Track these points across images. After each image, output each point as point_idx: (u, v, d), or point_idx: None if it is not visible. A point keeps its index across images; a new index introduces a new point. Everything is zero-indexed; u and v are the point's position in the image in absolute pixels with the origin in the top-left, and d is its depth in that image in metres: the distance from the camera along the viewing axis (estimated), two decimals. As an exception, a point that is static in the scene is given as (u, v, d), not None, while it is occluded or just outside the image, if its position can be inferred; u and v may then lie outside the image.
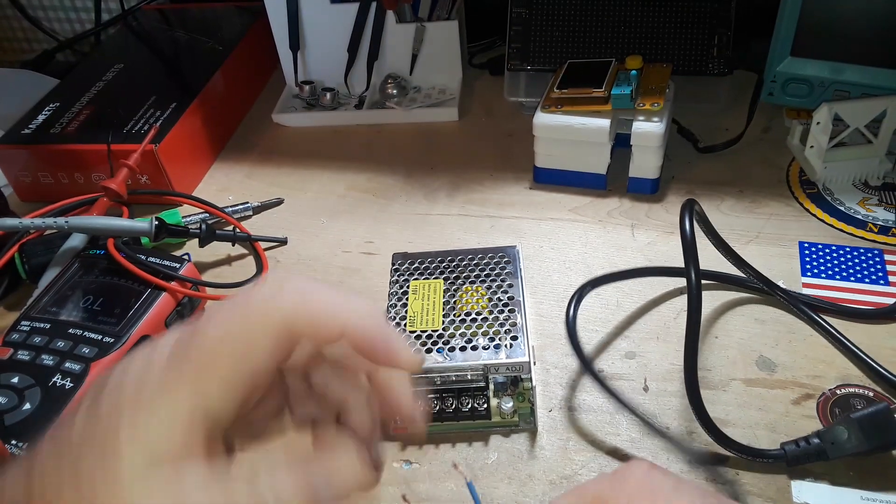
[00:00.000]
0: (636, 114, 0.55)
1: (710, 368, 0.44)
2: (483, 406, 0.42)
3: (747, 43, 0.67)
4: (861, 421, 0.36)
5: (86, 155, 0.61)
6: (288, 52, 0.73)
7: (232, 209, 0.60)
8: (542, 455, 0.41)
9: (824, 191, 0.57)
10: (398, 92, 0.71)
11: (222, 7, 0.82)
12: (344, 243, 0.58)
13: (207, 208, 0.59)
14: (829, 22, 0.59)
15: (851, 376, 0.43)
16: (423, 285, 0.46)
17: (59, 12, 0.94)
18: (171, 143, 0.61)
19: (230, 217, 0.59)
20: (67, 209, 0.56)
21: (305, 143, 0.70)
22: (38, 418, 0.41)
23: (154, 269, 0.49)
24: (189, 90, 0.67)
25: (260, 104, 0.77)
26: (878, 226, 0.53)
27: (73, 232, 0.53)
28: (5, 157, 0.64)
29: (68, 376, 0.43)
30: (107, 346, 0.44)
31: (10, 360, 0.44)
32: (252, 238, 0.57)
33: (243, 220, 0.61)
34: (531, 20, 0.67)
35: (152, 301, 0.47)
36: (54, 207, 0.56)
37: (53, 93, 0.69)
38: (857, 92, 0.59)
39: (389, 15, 0.70)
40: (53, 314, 0.47)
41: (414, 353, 0.26)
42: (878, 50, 0.58)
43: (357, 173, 0.65)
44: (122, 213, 0.56)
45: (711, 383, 0.44)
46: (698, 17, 0.64)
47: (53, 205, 0.56)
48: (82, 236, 0.54)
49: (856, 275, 0.50)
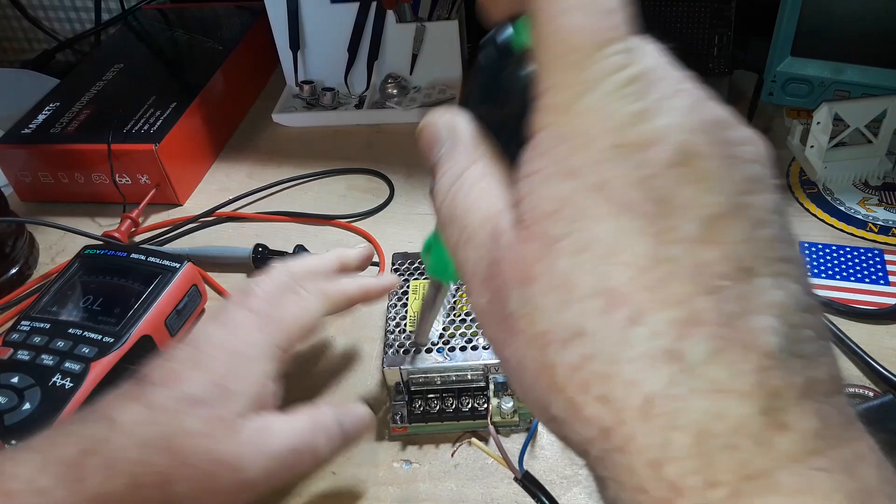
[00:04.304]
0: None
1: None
2: (483, 406, 0.42)
3: (747, 43, 0.67)
4: (866, 413, 0.36)
5: (86, 155, 0.61)
6: (288, 51, 0.73)
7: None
8: (542, 455, 0.41)
9: (824, 191, 0.57)
10: (398, 92, 0.71)
11: (222, 7, 0.82)
12: (344, 243, 0.58)
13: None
14: (829, 22, 0.58)
15: (852, 376, 0.43)
16: (424, 285, 0.46)
17: (60, 12, 0.94)
18: (171, 143, 0.61)
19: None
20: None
21: (305, 143, 0.70)
22: (38, 418, 0.41)
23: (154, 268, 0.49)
24: (189, 90, 0.67)
25: (260, 104, 0.77)
26: (879, 226, 0.53)
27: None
28: (5, 157, 0.64)
29: (68, 376, 0.43)
30: (107, 346, 0.44)
31: (10, 359, 0.44)
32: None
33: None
34: (531, 20, 0.67)
35: (152, 301, 0.47)
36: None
37: (53, 93, 0.69)
38: (857, 92, 0.59)
39: (389, 15, 0.70)
40: (53, 314, 0.47)
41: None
42: (879, 50, 0.58)
43: (357, 173, 0.65)
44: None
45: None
46: (698, 16, 0.64)
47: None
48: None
49: (856, 275, 0.49)
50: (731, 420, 0.16)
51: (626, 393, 0.16)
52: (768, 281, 0.16)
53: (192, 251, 0.56)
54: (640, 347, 0.16)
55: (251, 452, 0.33)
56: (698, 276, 0.16)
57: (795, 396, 0.16)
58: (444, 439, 0.42)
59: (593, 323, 0.17)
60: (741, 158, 0.17)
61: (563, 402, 0.17)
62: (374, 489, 0.40)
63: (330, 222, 0.60)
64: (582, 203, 0.17)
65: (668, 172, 0.17)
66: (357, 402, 0.39)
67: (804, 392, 0.16)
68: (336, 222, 0.60)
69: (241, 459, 0.32)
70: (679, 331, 0.16)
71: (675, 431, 0.16)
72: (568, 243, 0.17)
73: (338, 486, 0.40)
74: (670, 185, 0.17)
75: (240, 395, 0.34)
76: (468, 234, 0.20)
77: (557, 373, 0.17)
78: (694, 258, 0.16)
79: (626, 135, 0.17)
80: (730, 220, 0.17)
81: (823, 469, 0.15)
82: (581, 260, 0.17)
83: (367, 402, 0.42)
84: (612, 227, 0.17)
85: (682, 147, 0.17)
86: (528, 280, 0.18)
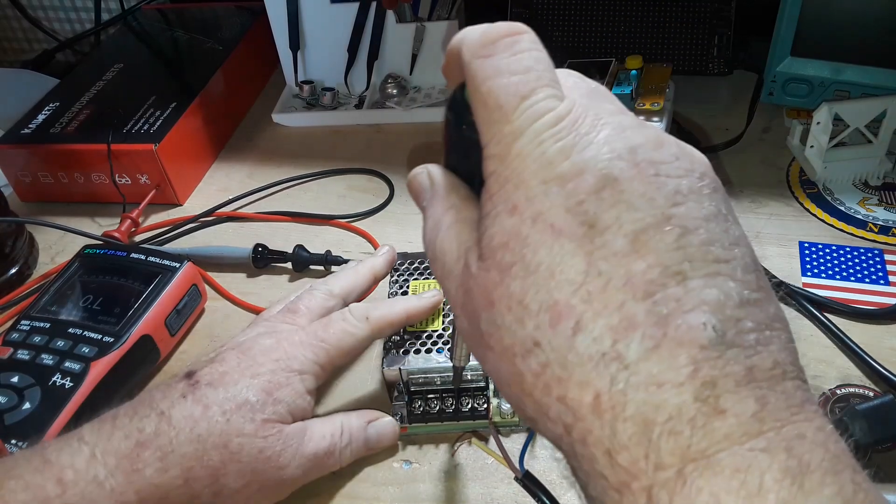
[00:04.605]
0: (636, 113, 0.55)
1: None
2: (483, 406, 0.42)
3: (747, 43, 0.67)
4: (866, 413, 0.36)
5: (86, 155, 0.61)
6: (288, 51, 0.73)
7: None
8: (542, 455, 0.41)
9: (824, 191, 0.57)
10: (398, 92, 0.71)
11: (222, 7, 0.82)
12: (344, 243, 0.58)
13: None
14: (829, 22, 0.58)
15: (852, 376, 0.43)
16: (423, 285, 0.46)
17: (59, 12, 0.94)
18: (170, 142, 0.61)
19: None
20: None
21: (305, 143, 0.70)
22: (38, 418, 0.41)
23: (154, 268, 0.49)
24: (189, 90, 0.67)
25: (260, 104, 0.76)
26: (879, 226, 0.53)
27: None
28: (5, 157, 0.64)
29: (68, 376, 0.43)
30: (106, 346, 0.44)
31: (10, 359, 0.44)
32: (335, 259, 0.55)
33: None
34: (531, 20, 0.67)
35: (152, 300, 0.47)
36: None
37: (53, 93, 0.69)
38: (857, 92, 0.59)
39: (389, 15, 0.70)
40: (53, 314, 0.47)
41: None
42: (879, 50, 0.58)
43: (357, 173, 0.65)
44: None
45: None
46: (698, 16, 0.64)
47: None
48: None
49: (856, 275, 0.49)
50: (669, 409, 0.17)
51: (579, 393, 0.19)
52: (700, 281, 0.18)
53: (191, 251, 0.56)
54: (585, 352, 0.19)
55: (291, 452, 0.37)
56: (630, 284, 0.18)
57: (733, 383, 0.18)
58: (444, 439, 0.42)
59: (545, 335, 0.19)
60: (666, 175, 0.20)
61: (533, 404, 0.20)
62: (373, 489, 0.40)
63: (330, 222, 0.60)
64: (525, 234, 0.20)
65: (593, 198, 0.19)
66: (386, 414, 0.42)
67: (743, 379, 0.18)
68: (336, 222, 0.60)
69: (284, 458, 0.36)
70: (616, 334, 0.18)
71: (623, 423, 0.18)
72: (517, 269, 0.20)
73: (337, 487, 0.40)
74: (596, 208, 0.19)
75: (283, 402, 0.37)
76: (447, 270, 0.23)
77: (525, 380, 0.20)
78: (624, 269, 0.19)
79: (553, 171, 0.20)
80: (655, 232, 0.19)
81: (761, 449, 0.17)
82: (529, 282, 0.20)
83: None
84: (550, 251, 0.19)
85: (604, 174, 0.19)
86: (490, 304, 0.21)
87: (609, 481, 0.18)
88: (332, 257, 0.54)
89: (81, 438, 0.34)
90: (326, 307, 0.42)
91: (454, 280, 0.23)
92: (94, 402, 0.43)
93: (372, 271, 0.46)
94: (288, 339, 0.39)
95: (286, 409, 0.37)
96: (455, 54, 0.23)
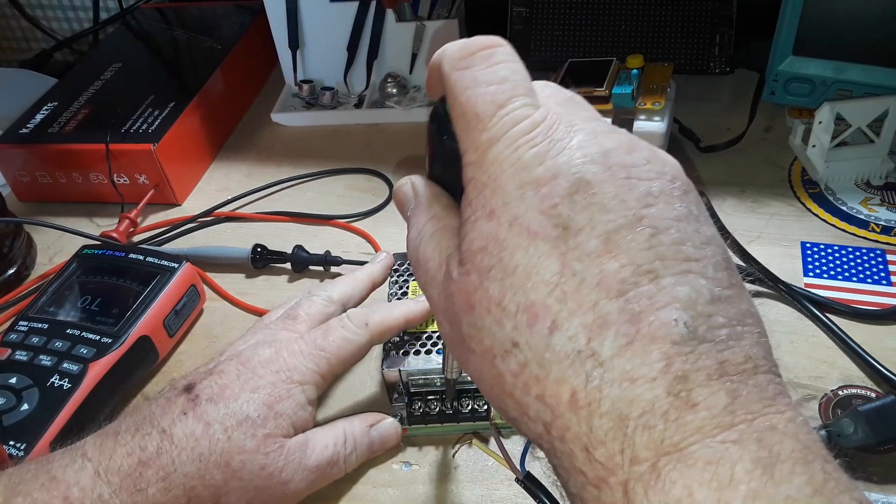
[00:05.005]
0: (637, 113, 0.55)
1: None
2: (483, 406, 0.41)
3: (749, 42, 0.67)
4: (868, 414, 0.36)
5: (84, 154, 0.61)
6: (287, 51, 0.73)
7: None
8: (542, 455, 0.41)
9: (826, 190, 0.57)
10: (398, 91, 0.71)
11: (221, 6, 0.82)
12: (344, 243, 0.57)
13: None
14: (831, 21, 0.58)
15: (854, 377, 0.43)
16: (423, 286, 0.45)
17: (58, 11, 0.93)
18: (169, 142, 0.61)
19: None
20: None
21: (305, 143, 0.69)
22: (36, 419, 0.41)
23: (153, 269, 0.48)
24: (188, 89, 0.67)
25: (259, 103, 0.76)
26: (881, 226, 0.53)
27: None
28: (3, 157, 0.63)
29: (66, 377, 0.43)
30: (105, 347, 0.44)
31: (8, 360, 0.44)
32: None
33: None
34: (531, 19, 0.67)
35: (150, 301, 0.47)
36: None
37: (51, 92, 0.69)
38: (859, 91, 0.59)
39: (389, 14, 0.70)
40: (51, 314, 0.47)
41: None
42: (881, 49, 0.58)
43: (356, 173, 0.65)
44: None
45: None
46: (700, 15, 0.63)
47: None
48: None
49: (858, 275, 0.49)
50: (642, 404, 0.18)
51: (557, 390, 0.19)
52: (672, 279, 0.19)
53: (190, 251, 0.56)
54: (561, 350, 0.19)
55: (294, 467, 0.36)
56: (603, 284, 0.19)
57: (705, 377, 0.18)
58: (444, 441, 0.42)
59: (523, 335, 0.20)
60: (638, 178, 0.20)
61: (514, 404, 0.21)
62: (373, 491, 0.40)
63: (329, 222, 0.60)
64: (502, 237, 0.21)
65: (567, 201, 0.20)
66: (387, 416, 0.42)
67: (715, 373, 0.18)
68: (335, 222, 0.59)
69: (287, 473, 0.36)
70: (590, 332, 0.19)
71: (599, 418, 0.18)
72: (495, 272, 0.21)
73: (337, 488, 0.40)
74: (570, 211, 0.20)
75: (284, 416, 0.37)
76: (430, 277, 0.24)
77: (505, 381, 0.21)
78: (598, 269, 0.19)
79: (528, 175, 0.20)
80: (628, 232, 0.19)
81: (733, 441, 0.17)
82: (507, 284, 0.20)
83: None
84: (527, 254, 0.20)
85: (577, 177, 0.20)
86: (471, 307, 0.21)
87: (587, 477, 0.19)
88: (332, 257, 0.54)
89: (85, 454, 0.33)
90: (326, 313, 0.42)
91: (436, 287, 0.24)
92: (92, 403, 0.42)
93: (370, 278, 0.46)
94: (288, 349, 0.39)
95: (288, 422, 0.37)
96: (436, 68, 0.24)
